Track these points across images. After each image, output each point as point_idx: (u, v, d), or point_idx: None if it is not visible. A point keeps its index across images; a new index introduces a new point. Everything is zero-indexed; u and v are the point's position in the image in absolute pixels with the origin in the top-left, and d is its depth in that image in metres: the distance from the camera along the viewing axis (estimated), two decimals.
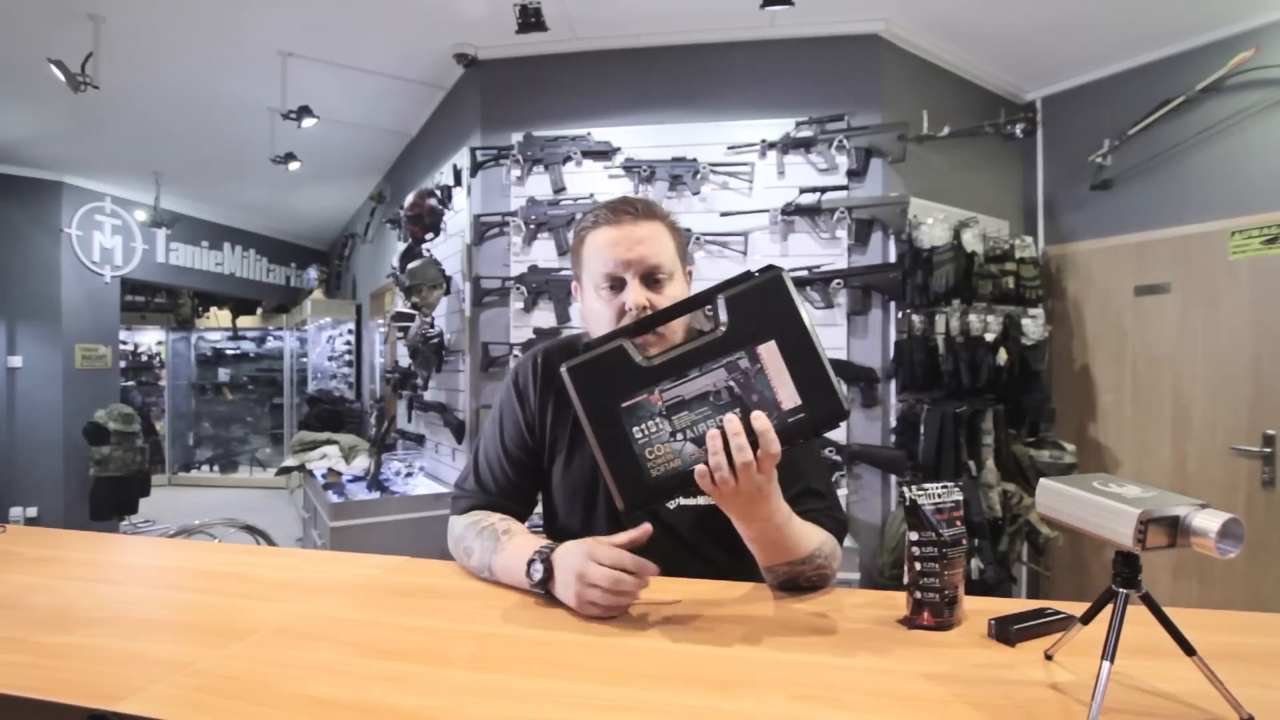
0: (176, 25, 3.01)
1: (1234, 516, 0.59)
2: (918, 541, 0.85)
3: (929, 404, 2.69)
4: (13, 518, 4.85)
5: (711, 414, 0.81)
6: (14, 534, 1.34)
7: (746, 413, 0.80)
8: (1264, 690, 0.65)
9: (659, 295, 1.04)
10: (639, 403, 0.82)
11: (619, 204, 1.08)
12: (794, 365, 0.81)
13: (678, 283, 1.08)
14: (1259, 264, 2.73)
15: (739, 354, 0.82)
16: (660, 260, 1.04)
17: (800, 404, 0.81)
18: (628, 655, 0.78)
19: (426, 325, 3.35)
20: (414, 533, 3.05)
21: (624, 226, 1.05)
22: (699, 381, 0.81)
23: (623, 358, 0.83)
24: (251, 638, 0.82)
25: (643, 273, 1.04)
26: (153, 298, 7.96)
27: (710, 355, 0.82)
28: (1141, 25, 2.85)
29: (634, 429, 0.82)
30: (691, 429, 0.81)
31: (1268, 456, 2.71)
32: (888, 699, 0.67)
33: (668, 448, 0.81)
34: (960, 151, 3.10)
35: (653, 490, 0.82)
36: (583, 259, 1.10)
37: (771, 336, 0.81)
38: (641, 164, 2.90)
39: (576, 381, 0.84)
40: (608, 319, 1.05)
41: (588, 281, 1.09)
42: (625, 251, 1.03)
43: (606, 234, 1.05)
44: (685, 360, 0.82)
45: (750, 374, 0.81)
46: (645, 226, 1.05)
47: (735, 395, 0.81)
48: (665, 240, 1.07)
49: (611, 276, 1.05)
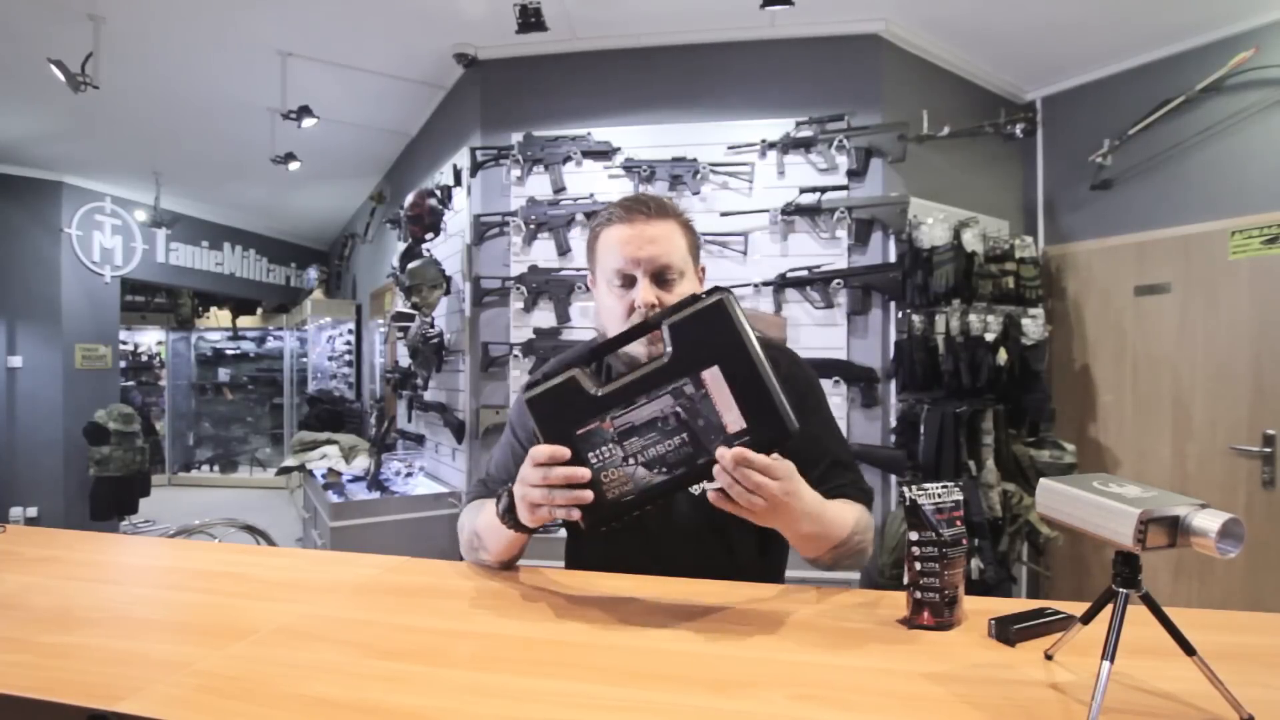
0: (176, 25, 3.01)
1: (1234, 516, 0.59)
2: (918, 541, 0.85)
3: (929, 404, 2.69)
4: (13, 518, 4.85)
5: (660, 439, 0.84)
6: (14, 534, 1.34)
7: (694, 437, 0.83)
8: (1264, 690, 0.65)
9: (669, 294, 1.05)
10: (593, 430, 0.85)
11: (633, 202, 1.09)
12: (738, 388, 0.83)
13: (689, 281, 1.09)
14: (1259, 264, 2.73)
15: (684, 380, 0.84)
16: (671, 260, 1.05)
17: (745, 427, 0.83)
18: (628, 655, 0.78)
19: (426, 325, 3.36)
20: (414, 533, 3.05)
21: (637, 225, 1.06)
22: (647, 408, 0.85)
23: (576, 387, 0.86)
24: (251, 638, 0.82)
25: (653, 271, 1.05)
26: (153, 298, 7.96)
27: (656, 382, 0.85)
28: (1141, 25, 2.85)
29: (589, 454, 0.85)
30: (642, 453, 0.85)
31: (1268, 456, 2.71)
32: (888, 699, 0.67)
33: (621, 472, 0.85)
34: (960, 151, 3.10)
35: (611, 511, 0.86)
36: (597, 255, 1.11)
37: (715, 361, 0.84)
38: (641, 164, 2.90)
39: (536, 411, 0.88)
40: (619, 315, 1.07)
41: (601, 277, 1.10)
42: (636, 250, 1.05)
43: (620, 231, 1.07)
44: (633, 388, 0.85)
45: (695, 399, 0.84)
46: (658, 225, 1.06)
47: (682, 420, 0.84)
48: (678, 239, 1.08)
49: (623, 274, 1.06)
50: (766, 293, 2.81)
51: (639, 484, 0.85)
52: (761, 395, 0.83)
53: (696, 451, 0.84)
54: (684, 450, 0.84)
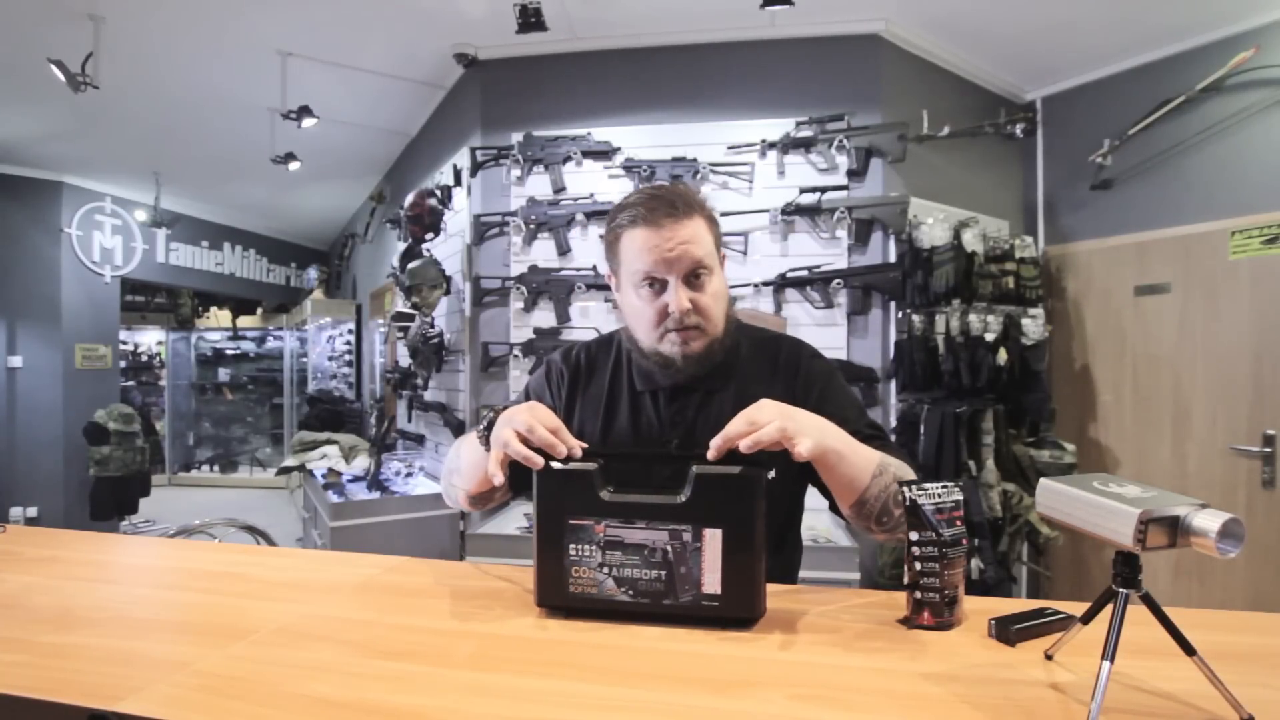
0: (176, 25, 3.01)
1: (1234, 516, 0.59)
2: (918, 541, 0.85)
3: (929, 404, 2.68)
4: (13, 518, 4.85)
5: (640, 565, 0.86)
6: (14, 534, 1.34)
7: (670, 580, 0.85)
8: (1264, 690, 0.65)
9: (702, 294, 1.04)
10: (584, 525, 0.87)
11: (658, 202, 1.04)
12: (730, 559, 0.84)
13: (717, 276, 1.07)
14: (1259, 264, 2.73)
15: (686, 527, 0.85)
16: (700, 258, 1.03)
17: (719, 594, 0.84)
18: (628, 655, 0.78)
19: (426, 325, 3.36)
20: (414, 533, 3.05)
21: (665, 226, 1.02)
22: (641, 533, 0.86)
23: (589, 482, 0.88)
24: (251, 638, 0.82)
25: (685, 272, 1.03)
26: (153, 298, 7.95)
27: (661, 515, 0.86)
28: (1141, 25, 2.85)
29: (570, 544, 0.87)
30: (618, 570, 0.87)
31: (1268, 456, 2.71)
32: (888, 699, 0.67)
33: (591, 574, 0.87)
34: (960, 151, 3.10)
35: (567, 599, 0.88)
36: (620, 257, 1.08)
37: (722, 525, 0.84)
38: (641, 164, 2.90)
39: (543, 483, 0.89)
40: (649, 318, 1.06)
41: (626, 280, 1.08)
42: (667, 253, 1.02)
43: (646, 236, 1.03)
44: (639, 509, 0.86)
45: (688, 548, 0.85)
46: (686, 227, 1.03)
47: (667, 560, 0.85)
48: (705, 235, 1.05)
49: (652, 277, 1.04)
50: (766, 293, 2.81)
51: (603, 592, 0.87)
52: (748, 575, 0.84)
53: (666, 592, 0.85)
54: (656, 585, 0.85)
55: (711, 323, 1.06)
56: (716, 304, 1.07)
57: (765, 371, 1.12)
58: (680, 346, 1.05)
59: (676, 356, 1.05)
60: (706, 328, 1.05)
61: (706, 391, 1.10)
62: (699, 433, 1.07)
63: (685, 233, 1.02)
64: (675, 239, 1.02)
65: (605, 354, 1.20)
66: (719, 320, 1.07)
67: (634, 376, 1.14)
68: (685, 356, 1.06)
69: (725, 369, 1.11)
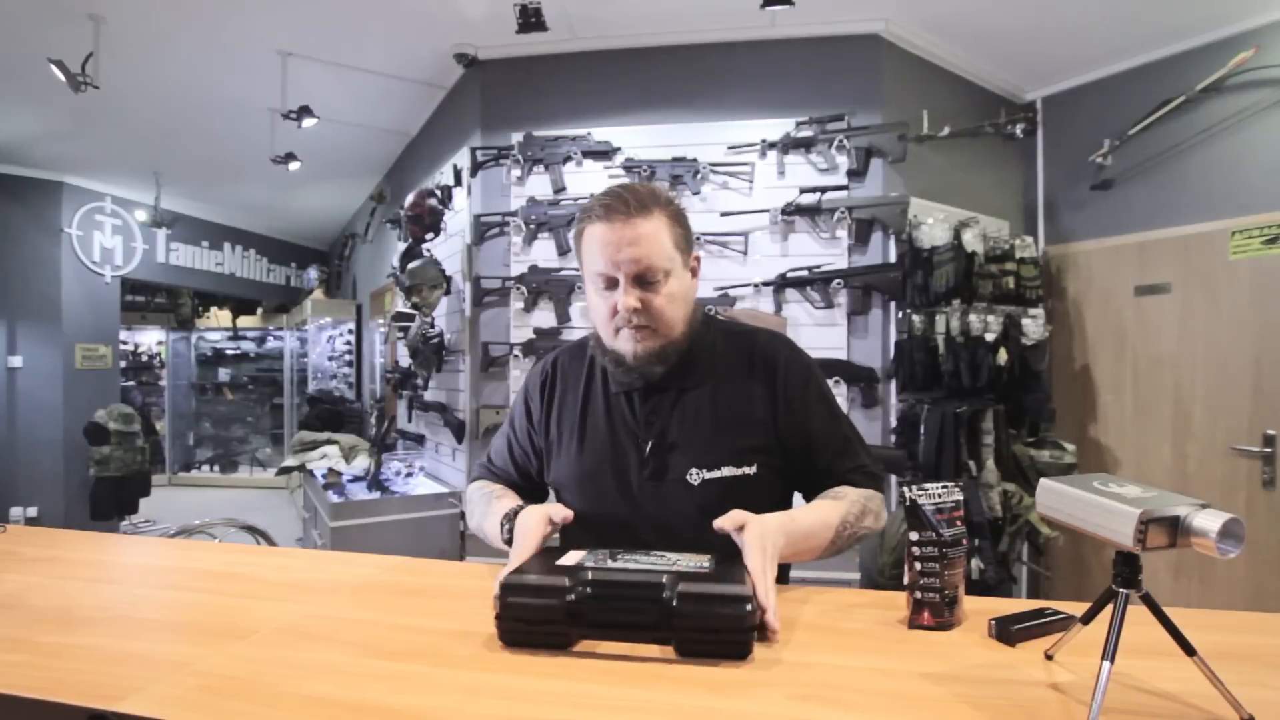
0: (176, 25, 3.01)
1: (1234, 516, 0.59)
2: (918, 541, 0.85)
3: (929, 404, 2.68)
4: (13, 518, 4.85)
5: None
6: (14, 534, 1.35)
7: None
8: (1264, 690, 0.65)
9: (654, 295, 1.03)
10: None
11: (614, 199, 1.03)
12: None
13: (676, 278, 1.05)
14: (1259, 264, 2.73)
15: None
16: (652, 261, 1.01)
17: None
18: (628, 655, 0.78)
19: (426, 325, 3.35)
20: (414, 533, 3.05)
21: (616, 224, 1.01)
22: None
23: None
24: (251, 638, 0.82)
25: (634, 274, 1.02)
26: (153, 298, 7.96)
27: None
28: (1141, 25, 2.85)
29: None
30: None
31: (1268, 456, 2.71)
32: (888, 699, 0.67)
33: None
34: (960, 151, 3.10)
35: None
36: (581, 252, 1.08)
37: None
38: (642, 164, 2.90)
39: (506, 595, 0.80)
40: (603, 314, 1.06)
41: (587, 277, 1.09)
42: (615, 252, 1.01)
43: (601, 231, 1.02)
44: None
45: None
46: (639, 224, 1.00)
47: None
48: (662, 236, 1.02)
49: (604, 276, 1.04)
50: (766, 293, 2.81)
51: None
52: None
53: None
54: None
55: (664, 324, 1.04)
56: (670, 306, 1.04)
57: (741, 369, 1.12)
58: (632, 344, 1.04)
59: (628, 355, 1.05)
60: (658, 329, 1.04)
61: (680, 390, 1.10)
62: (673, 432, 1.08)
63: (636, 231, 1.00)
64: (626, 237, 1.00)
65: (579, 359, 1.21)
66: (674, 322, 1.05)
67: (609, 378, 1.15)
68: (636, 355, 1.05)
69: (699, 367, 1.10)
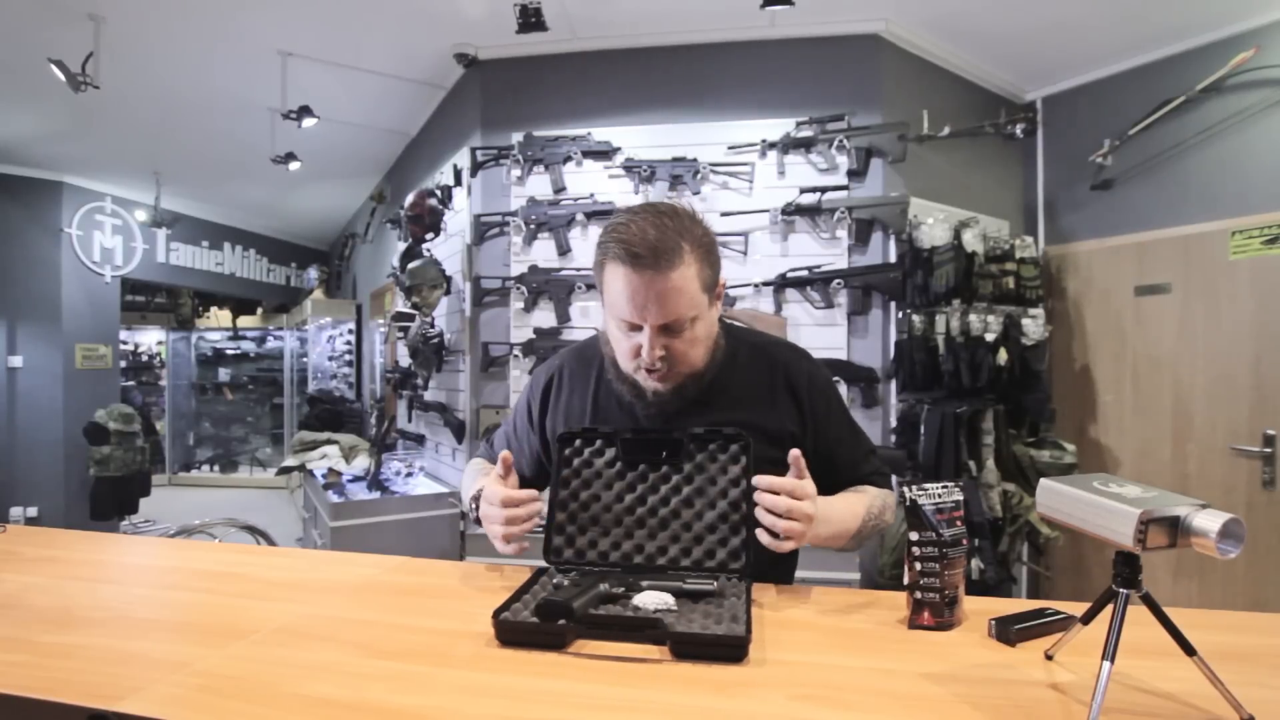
0: (176, 25, 3.01)
1: (1234, 517, 0.59)
2: (918, 541, 0.85)
3: (929, 404, 2.68)
4: (13, 518, 4.85)
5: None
6: (14, 534, 1.35)
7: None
8: (1264, 690, 0.65)
9: (678, 340, 1.02)
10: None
11: (641, 244, 0.96)
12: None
13: (703, 321, 1.04)
14: (1259, 264, 2.73)
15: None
16: (679, 314, 0.99)
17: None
18: (627, 655, 0.78)
19: (427, 325, 3.35)
20: (414, 533, 3.05)
21: (644, 276, 0.96)
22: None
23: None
24: (251, 638, 0.82)
25: (659, 324, 1.00)
26: (153, 298, 7.96)
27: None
28: (1141, 25, 2.85)
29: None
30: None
31: (1268, 456, 2.71)
32: (888, 699, 0.67)
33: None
34: (960, 151, 3.10)
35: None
36: (604, 284, 1.03)
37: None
38: (641, 164, 2.90)
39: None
40: (624, 352, 1.07)
41: (608, 309, 1.06)
42: (642, 304, 0.98)
43: (626, 276, 0.97)
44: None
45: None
46: (669, 277, 0.96)
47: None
48: (691, 285, 0.99)
49: (628, 322, 1.02)
50: (766, 293, 2.81)
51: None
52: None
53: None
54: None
55: (687, 364, 1.05)
56: (694, 348, 1.05)
57: (762, 385, 1.12)
58: (653, 383, 1.06)
59: (649, 391, 1.08)
60: (681, 369, 1.05)
61: (697, 401, 1.10)
62: None
63: (663, 286, 0.96)
64: (652, 291, 0.97)
65: (586, 364, 1.20)
66: (698, 359, 1.06)
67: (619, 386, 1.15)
68: (657, 392, 1.07)
69: (720, 394, 1.11)
